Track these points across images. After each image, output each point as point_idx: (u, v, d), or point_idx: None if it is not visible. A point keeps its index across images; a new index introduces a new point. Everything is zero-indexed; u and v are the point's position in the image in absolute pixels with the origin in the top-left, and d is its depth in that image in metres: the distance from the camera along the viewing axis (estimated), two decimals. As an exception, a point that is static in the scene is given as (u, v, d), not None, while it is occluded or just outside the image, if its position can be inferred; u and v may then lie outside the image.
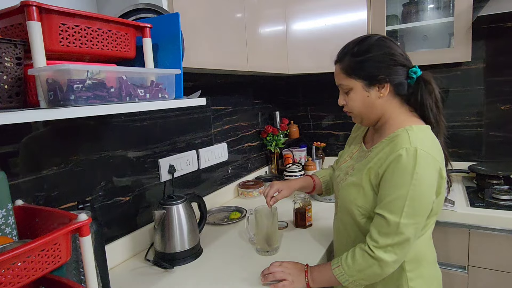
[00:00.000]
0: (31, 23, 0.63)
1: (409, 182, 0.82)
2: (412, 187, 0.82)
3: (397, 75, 0.92)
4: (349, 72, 0.94)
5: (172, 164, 1.40)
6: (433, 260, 0.99)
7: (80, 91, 0.66)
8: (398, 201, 0.83)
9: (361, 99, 0.94)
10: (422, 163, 0.82)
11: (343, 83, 0.96)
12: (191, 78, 1.49)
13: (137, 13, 0.99)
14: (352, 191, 0.95)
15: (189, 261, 1.16)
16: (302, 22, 1.85)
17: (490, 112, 1.89)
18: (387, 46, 0.92)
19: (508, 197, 1.51)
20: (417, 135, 0.87)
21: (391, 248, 0.84)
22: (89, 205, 0.92)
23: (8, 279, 0.57)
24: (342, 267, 0.89)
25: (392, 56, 0.91)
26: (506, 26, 1.80)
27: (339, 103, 1.00)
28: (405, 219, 0.83)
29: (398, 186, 0.84)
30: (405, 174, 0.83)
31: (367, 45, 0.93)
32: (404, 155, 0.83)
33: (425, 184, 0.83)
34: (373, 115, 0.96)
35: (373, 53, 0.91)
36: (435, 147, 0.89)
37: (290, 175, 2.01)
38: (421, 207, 0.84)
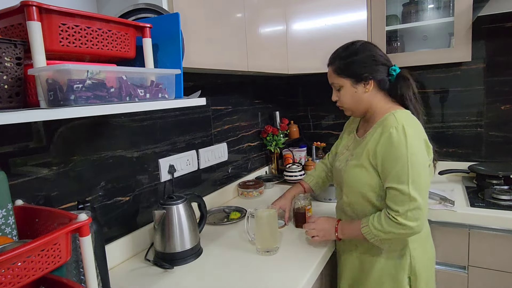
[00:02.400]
0: (31, 23, 0.63)
1: (405, 153, 0.97)
2: (410, 155, 0.97)
3: (379, 73, 1.10)
4: (339, 72, 1.12)
5: (172, 164, 1.40)
6: (428, 233, 1.16)
7: (80, 91, 0.66)
8: (402, 171, 0.97)
9: (350, 94, 1.12)
10: (411, 134, 0.99)
11: (334, 82, 1.15)
12: (191, 78, 1.49)
13: (137, 13, 0.99)
14: (357, 171, 1.09)
15: (189, 261, 1.16)
16: (302, 22, 1.85)
17: (490, 112, 1.89)
18: (369, 50, 1.11)
19: (508, 197, 1.51)
20: (402, 115, 1.04)
21: (411, 214, 0.97)
22: (89, 205, 0.92)
23: (8, 279, 0.57)
24: (369, 227, 1.03)
25: (374, 58, 1.10)
26: (506, 26, 1.80)
27: (333, 99, 1.19)
28: (412, 184, 0.97)
29: (398, 158, 0.98)
30: (400, 147, 0.98)
31: (352, 49, 1.12)
32: (394, 132, 0.99)
33: (418, 151, 0.99)
34: (361, 107, 1.14)
35: (358, 56, 1.10)
36: (417, 123, 1.06)
37: (290, 175, 2.01)
38: (422, 171, 0.98)
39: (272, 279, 1.02)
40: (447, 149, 2.02)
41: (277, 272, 1.06)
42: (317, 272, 1.11)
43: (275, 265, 1.10)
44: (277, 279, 1.02)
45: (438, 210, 1.52)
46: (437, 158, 1.14)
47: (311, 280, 1.06)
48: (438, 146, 1.99)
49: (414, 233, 1.00)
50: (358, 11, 1.79)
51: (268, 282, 1.01)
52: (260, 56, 1.54)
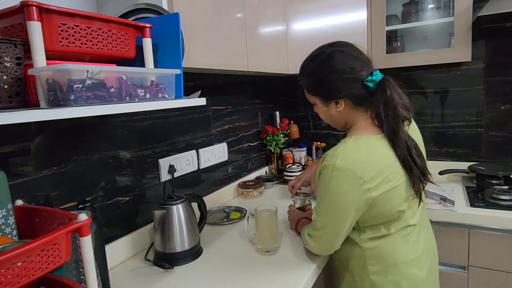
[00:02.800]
0: (31, 23, 0.63)
1: (325, 192, 0.95)
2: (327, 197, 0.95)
3: (351, 90, 0.96)
4: (308, 90, 1.06)
5: (172, 164, 1.40)
6: (409, 261, 0.99)
7: (80, 91, 0.66)
8: (318, 205, 1.00)
9: (323, 112, 1.06)
10: (338, 176, 0.91)
11: (308, 98, 1.10)
12: (191, 78, 1.49)
13: (137, 13, 0.99)
14: None
15: (189, 261, 1.16)
16: (302, 22, 1.85)
17: (490, 112, 1.89)
18: (339, 62, 0.96)
19: (508, 197, 1.52)
20: (348, 148, 0.93)
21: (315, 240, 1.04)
22: (89, 205, 0.92)
23: (8, 279, 0.57)
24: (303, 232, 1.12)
25: (342, 74, 0.95)
26: (506, 26, 1.80)
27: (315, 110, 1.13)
28: (320, 220, 1.00)
29: (320, 193, 0.98)
30: (324, 184, 0.95)
31: (317, 64, 1.00)
32: (324, 170, 0.93)
33: (337, 196, 0.93)
34: (338, 124, 1.07)
35: (323, 73, 0.98)
36: (364, 161, 0.91)
37: (290, 175, 2.01)
38: (332, 214, 0.96)
39: (272, 279, 1.02)
40: (447, 149, 2.02)
41: (277, 272, 1.06)
42: (317, 272, 1.11)
43: (275, 265, 1.10)
44: (277, 279, 1.02)
45: (438, 210, 1.52)
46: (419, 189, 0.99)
47: (311, 280, 1.05)
48: (438, 146, 2.02)
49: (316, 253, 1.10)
50: (358, 11, 1.79)
51: (268, 282, 1.01)
52: (260, 56, 1.54)
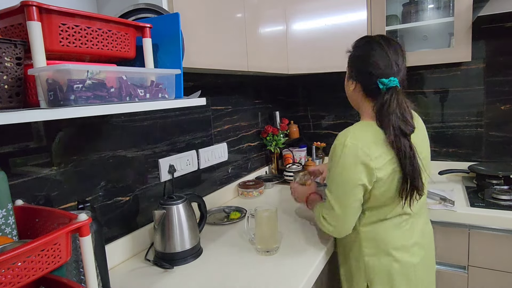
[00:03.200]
0: (31, 23, 0.63)
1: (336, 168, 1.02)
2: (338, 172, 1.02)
3: (364, 79, 1.06)
4: (348, 61, 1.13)
5: (172, 164, 1.40)
6: (400, 246, 1.07)
7: (80, 91, 0.66)
8: (330, 183, 1.06)
9: (345, 83, 1.16)
10: (347, 153, 0.99)
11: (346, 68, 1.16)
12: (191, 78, 1.49)
13: (137, 13, 0.99)
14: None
15: (189, 261, 1.16)
16: (302, 22, 1.85)
17: (490, 112, 1.89)
18: (370, 54, 1.03)
19: (508, 197, 1.51)
20: (357, 129, 1.03)
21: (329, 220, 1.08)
22: (89, 205, 0.92)
23: (8, 279, 0.57)
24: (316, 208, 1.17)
25: (362, 62, 1.05)
26: (506, 26, 1.80)
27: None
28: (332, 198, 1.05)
29: (331, 171, 1.05)
30: (335, 161, 1.02)
31: (356, 44, 1.12)
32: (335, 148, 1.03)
33: (347, 170, 1.00)
34: (351, 100, 1.16)
35: (352, 53, 1.11)
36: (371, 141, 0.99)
37: (290, 175, 2.01)
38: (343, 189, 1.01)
39: (272, 279, 1.02)
40: (447, 149, 2.02)
41: (277, 272, 1.06)
42: (317, 272, 1.11)
43: (275, 265, 1.10)
44: (277, 279, 1.02)
45: (438, 210, 1.52)
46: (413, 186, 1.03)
47: (311, 280, 1.06)
48: (438, 146, 2.02)
49: (332, 233, 1.10)
50: (358, 11, 1.79)
51: (268, 282, 1.01)
52: (260, 56, 1.54)
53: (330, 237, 1.27)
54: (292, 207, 1.63)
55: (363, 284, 1.10)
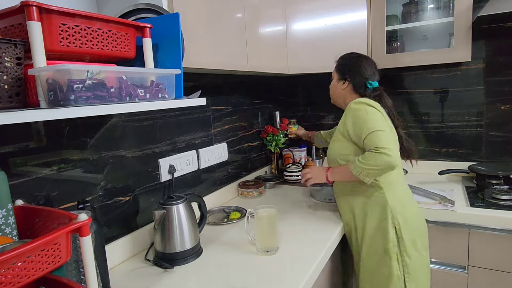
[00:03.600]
0: (31, 23, 0.63)
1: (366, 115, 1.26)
2: (370, 117, 1.25)
3: (356, 80, 1.42)
4: (336, 68, 1.50)
5: (172, 164, 1.40)
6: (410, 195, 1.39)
7: (80, 91, 0.66)
8: (369, 126, 1.24)
9: (334, 85, 1.50)
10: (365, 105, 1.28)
11: (332, 74, 1.52)
12: (191, 78, 1.49)
13: (137, 13, 0.99)
14: (333, 145, 1.42)
15: (189, 261, 1.16)
16: (302, 22, 1.85)
17: (490, 112, 1.89)
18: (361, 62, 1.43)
19: (508, 197, 1.52)
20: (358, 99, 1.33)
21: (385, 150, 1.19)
22: (89, 205, 0.92)
23: (8, 279, 0.57)
24: (355, 163, 1.25)
25: (357, 68, 1.42)
26: (506, 26, 1.80)
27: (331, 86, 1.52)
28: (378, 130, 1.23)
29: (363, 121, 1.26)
30: (361, 113, 1.27)
31: (349, 56, 1.48)
32: (355, 106, 1.30)
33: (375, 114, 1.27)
34: (338, 99, 1.50)
35: (349, 62, 1.46)
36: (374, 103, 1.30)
37: (290, 175, 2.01)
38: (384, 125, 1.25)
39: (272, 279, 1.02)
40: (447, 149, 2.02)
41: (277, 272, 1.06)
42: (317, 272, 1.11)
43: (275, 265, 1.10)
44: (277, 279, 1.02)
45: (438, 210, 1.52)
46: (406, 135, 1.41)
47: (311, 280, 1.06)
48: (438, 146, 2.02)
49: (390, 162, 1.19)
50: (358, 11, 1.79)
51: (268, 282, 1.01)
52: (260, 56, 1.54)
53: (331, 235, 1.27)
54: (292, 207, 1.63)
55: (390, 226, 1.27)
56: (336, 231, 1.33)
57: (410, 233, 1.28)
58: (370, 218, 1.32)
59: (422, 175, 2.00)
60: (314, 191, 1.73)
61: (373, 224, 1.31)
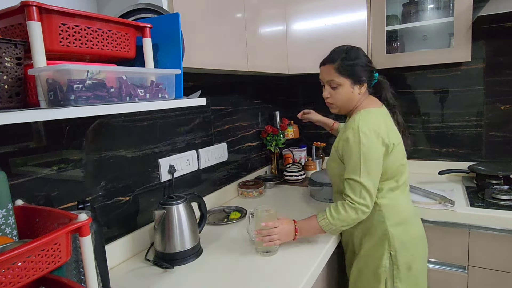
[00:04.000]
0: (31, 23, 0.63)
1: (358, 150, 1.14)
2: (361, 153, 1.14)
3: (371, 77, 1.27)
4: (341, 72, 1.22)
5: (172, 164, 1.40)
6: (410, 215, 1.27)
7: (80, 91, 0.66)
8: (355, 165, 1.15)
9: (347, 93, 1.25)
10: (364, 132, 1.15)
11: (334, 80, 1.24)
12: (191, 78, 1.49)
13: (137, 13, 0.99)
14: (331, 165, 1.32)
15: (189, 261, 1.16)
16: (302, 22, 1.85)
17: (490, 112, 1.89)
18: (365, 55, 1.26)
19: (508, 197, 1.51)
20: (363, 115, 1.20)
21: (361, 196, 1.14)
22: (89, 205, 0.92)
23: (8, 279, 0.57)
24: (327, 218, 1.17)
25: (369, 64, 1.26)
26: (506, 26, 1.80)
27: (324, 96, 1.30)
28: (362, 173, 1.14)
29: (351, 155, 1.16)
30: (354, 145, 1.15)
31: (354, 53, 1.24)
32: (350, 133, 1.17)
33: (369, 146, 1.14)
34: (351, 105, 1.27)
35: (359, 60, 1.23)
36: (378, 122, 1.19)
37: (290, 175, 2.01)
38: (373, 163, 1.15)
39: (272, 279, 1.02)
40: (447, 149, 2.02)
41: (277, 272, 1.06)
42: (317, 272, 1.11)
43: (275, 265, 1.10)
44: (277, 279, 1.02)
45: (438, 210, 1.52)
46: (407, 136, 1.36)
47: (311, 280, 1.06)
48: (438, 146, 2.02)
49: (364, 214, 1.15)
50: (358, 11, 1.79)
51: (268, 282, 1.01)
52: (260, 56, 1.54)
53: (330, 236, 1.27)
54: (292, 207, 1.63)
55: (385, 254, 1.20)
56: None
57: (407, 258, 1.21)
58: (368, 238, 1.24)
59: (422, 175, 2.00)
60: (314, 191, 1.73)
61: (369, 245, 1.24)
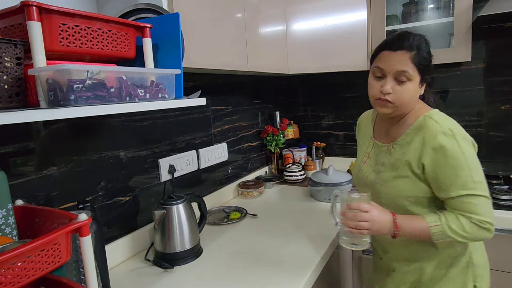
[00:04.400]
0: (31, 23, 0.63)
1: (464, 160, 0.92)
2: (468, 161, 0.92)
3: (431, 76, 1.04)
4: (418, 64, 0.97)
5: (172, 164, 1.40)
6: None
7: (80, 91, 0.66)
8: (467, 178, 0.92)
9: (414, 91, 0.99)
10: (461, 138, 0.93)
11: (408, 71, 0.97)
12: (191, 78, 1.49)
13: (137, 13, 0.99)
14: (398, 183, 1.00)
15: (189, 261, 1.16)
16: (302, 22, 1.85)
17: (490, 112, 1.89)
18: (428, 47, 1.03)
19: (508, 197, 1.51)
20: (441, 118, 0.98)
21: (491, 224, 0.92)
22: (89, 205, 0.92)
23: (8, 279, 0.57)
24: (442, 226, 0.93)
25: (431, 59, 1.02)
26: (506, 26, 1.80)
27: (385, 90, 0.98)
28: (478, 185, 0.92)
29: (458, 167, 0.92)
30: (457, 155, 0.92)
31: (428, 49, 1.02)
32: (445, 140, 0.93)
33: (472, 153, 0.94)
34: (410, 107, 1.03)
35: (431, 57, 1.02)
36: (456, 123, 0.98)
37: (290, 175, 2.01)
38: (480, 171, 0.94)
39: (272, 279, 1.02)
40: (447, 149, 2.02)
41: (277, 272, 1.06)
42: (317, 273, 1.11)
43: (275, 265, 1.10)
44: (277, 279, 1.02)
45: (438, 210, 1.52)
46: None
47: (311, 280, 1.06)
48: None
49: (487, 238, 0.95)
50: (358, 11, 1.79)
51: (268, 282, 1.01)
52: (260, 56, 1.54)
53: (331, 236, 1.26)
54: (292, 207, 1.63)
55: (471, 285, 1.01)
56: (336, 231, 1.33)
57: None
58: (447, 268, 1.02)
59: (422, 175, 2.00)
60: (314, 191, 1.73)
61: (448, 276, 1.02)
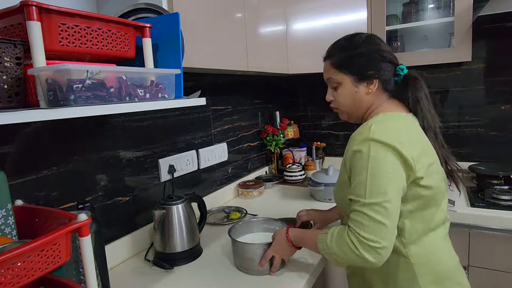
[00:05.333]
0: (31, 23, 0.63)
1: (367, 163, 0.82)
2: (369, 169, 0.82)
3: (386, 71, 0.94)
4: (339, 67, 0.95)
5: (172, 164, 1.40)
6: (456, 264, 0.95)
7: (80, 91, 0.66)
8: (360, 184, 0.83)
9: (350, 94, 0.96)
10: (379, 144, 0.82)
11: (332, 77, 0.97)
12: (191, 78, 1.48)
13: (137, 13, 0.99)
14: (339, 189, 0.96)
15: (189, 261, 1.16)
16: (302, 22, 1.85)
17: (490, 112, 1.89)
18: (376, 43, 0.95)
19: (508, 197, 1.51)
20: (379, 124, 0.87)
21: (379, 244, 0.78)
22: (89, 205, 0.92)
23: (8, 279, 0.57)
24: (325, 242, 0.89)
25: (381, 52, 0.94)
26: (506, 26, 1.80)
27: (327, 99, 1.02)
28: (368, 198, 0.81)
29: (360, 170, 0.84)
30: (364, 156, 0.83)
31: (356, 41, 0.95)
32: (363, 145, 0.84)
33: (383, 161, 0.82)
34: (360, 111, 0.97)
35: (362, 49, 0.93)
36: (398, 133, 0.85)
37: (290, 175, 2.01)
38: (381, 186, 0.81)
39: (272, 280, 1.02)
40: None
41: (277, 272, 1.06)
42: (317, 273, 1.11)
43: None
44: (277, 280, 1.02)
45: (438, 210, 1.52)
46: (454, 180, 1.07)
47: (311, 280, 1.05)
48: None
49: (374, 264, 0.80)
50: (358, 11, 1.79)
51: (268, 283, 1.01)
52: (260, 56, 1.54)
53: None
54: (292, 207, 1.63)
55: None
56: (336, 231, 1.33)
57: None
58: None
59: (422, 175, 2.00)
60: (314, 191, 1.73)
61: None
